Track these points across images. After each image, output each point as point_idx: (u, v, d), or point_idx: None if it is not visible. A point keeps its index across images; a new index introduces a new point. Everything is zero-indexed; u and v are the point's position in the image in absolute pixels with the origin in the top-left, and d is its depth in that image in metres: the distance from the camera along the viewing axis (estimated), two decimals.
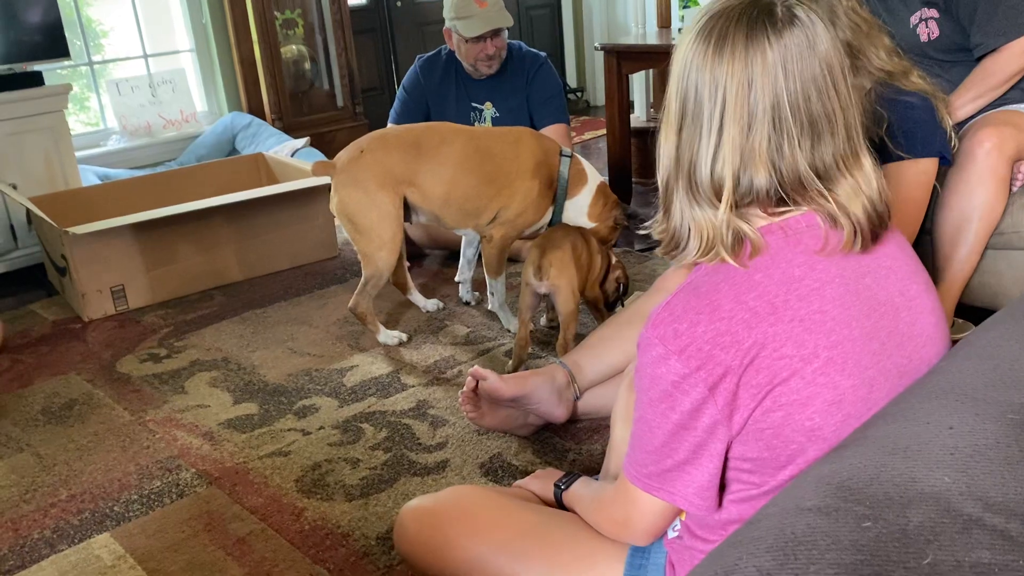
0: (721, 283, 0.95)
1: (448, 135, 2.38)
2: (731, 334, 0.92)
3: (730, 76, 0.93)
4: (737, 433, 0.95)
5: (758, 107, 0.93)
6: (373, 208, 2.31)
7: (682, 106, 0.97)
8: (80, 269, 2.79)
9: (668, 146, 1.00)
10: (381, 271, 2.38)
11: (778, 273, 0.95)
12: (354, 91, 4.55)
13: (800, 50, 0.93)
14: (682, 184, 0.98)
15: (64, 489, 1.89)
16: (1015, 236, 2.10)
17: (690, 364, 0.92)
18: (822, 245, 0.97)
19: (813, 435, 0.93)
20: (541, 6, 5.95)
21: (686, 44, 0.97)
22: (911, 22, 2.22)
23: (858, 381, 0.95)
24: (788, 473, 0.96)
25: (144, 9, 4.28)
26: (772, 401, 0.93)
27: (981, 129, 2.04)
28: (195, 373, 2.40)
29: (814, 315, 0.93)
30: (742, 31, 0.93)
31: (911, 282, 1.03)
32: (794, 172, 0.94)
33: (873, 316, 0.97)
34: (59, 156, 3.27)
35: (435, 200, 2.35)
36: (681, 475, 0.97)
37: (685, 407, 0.94)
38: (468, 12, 2.87)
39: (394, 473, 1.84)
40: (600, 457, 1.82)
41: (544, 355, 2.33)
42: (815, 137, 0.94)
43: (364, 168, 2.31)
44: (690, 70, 0.96)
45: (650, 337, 0.96)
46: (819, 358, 0.93)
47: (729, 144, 0.94)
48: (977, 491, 0.75)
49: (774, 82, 0.92)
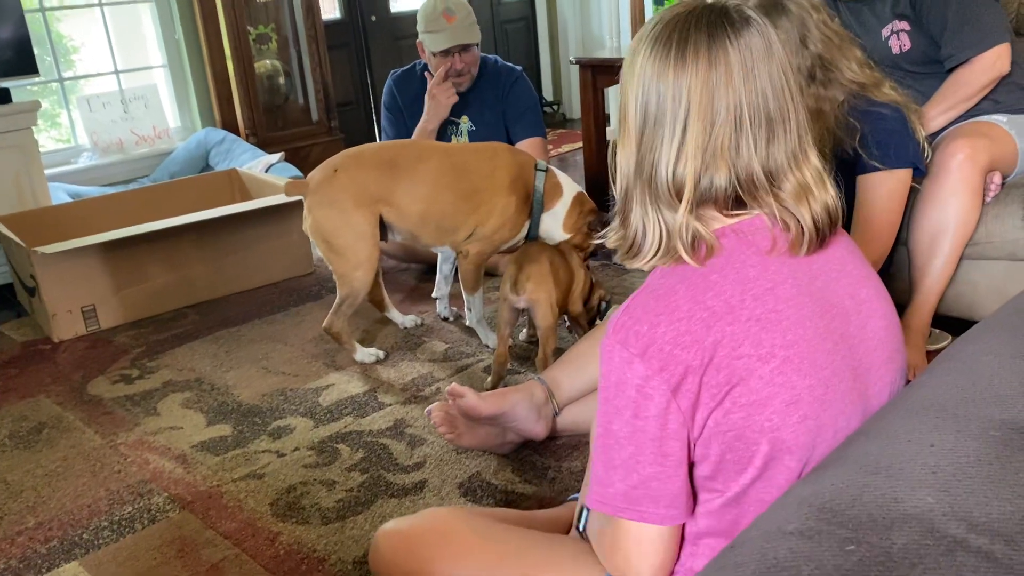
0: (677, 284, 0.96)
1: (424, 153, 2.36)
2: (691, 333, 0.92)
3: (694, 78, 0.94)
4: (698, 436, 0.95)
5: (720, 108, 0.94)
6: (348, 228, 2.28)
7: (643, 113, 0.98)
8: (49, 289, 2.74)
9: (627, 154, 1.01)
10: (357, 291, 2.35)
11: (733, 273, 0.96)
12: (329, 106, 4.52)
13: (758, 50, 0.95)
14: (640, 189, 0.99)
15: (31, 516, 1.84)
16: (989, 246, 2.11)
17: (652, 365, 0.92)
18: (771, 246, 0.98)
19: (772, 436, 0.93)
20: (516, 19, 5.96)
21: (642, 54, 0.98)
22: (883, 35, 2.24)
23: (814, 381, 0.95)
24: (748, 476, 0.96)
25: (115, 25, 4.24)
26: (731, 402, 0.92)
27: (954, 140, 2.05)
28: (168, 394, 2.36)
29: (769, 314, 0.94)
30: (703, 34, 0.95)
31: (861, 286, 1.04)
32: (749, 171, 0.96)
33: (826, 317, 0.98)
34: (28, 174, 3.22)
35: (412, 218, 2.33)
36: (646, 491, 0.95)
37: (650, 412, 0.93)
38: (436, 26, 2.85)
39: (371, 495, 1.81)
40: (581, 474, 1.80)
41: (523, 371, 2.31)
42: (770, 136, 0.96)
43: (339, 188, 2.28)
44: (650, 77, 0.97)
45: (611, 344, 0.96)
46: (776, 358, 0.93)
47: (692, 144, 0.95)
48: (960, 511, 0.74)
49: (736, 82, 0.94)
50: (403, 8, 5.31)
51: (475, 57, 2.95)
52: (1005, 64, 2.10)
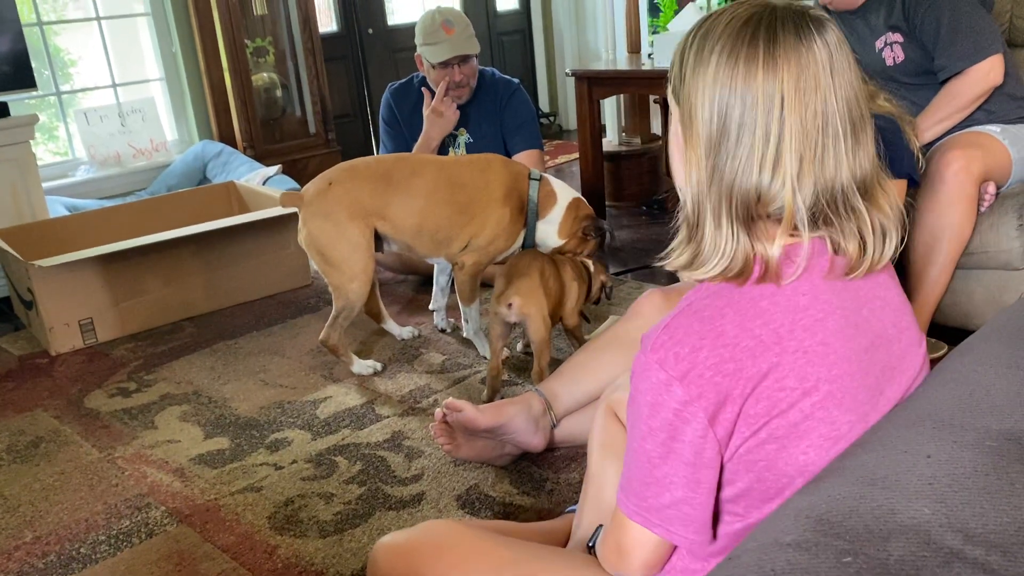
0: (725, 308, 0.91)
1: (418, 166, 2.38)
2: (735, 361, 0.89)
3: (787, 78, 0.87)
4: (728, 461, 0.93)
5: (811, 112, 0.88)
6: (343, 240, 2.29)
7: (723, 119, 0.90)
8: (47, 302, 2.74)
9: (698, 167, 0.93)
10: (353, 303, 2.36)
11: (784, 301, 0.92)
12: (326, 118, 4.53)
13: (841, 51, 0.90)
14: (715, 203, 0.92)
15: (29, 531, 1.83)
16: (984, 256, 2.12)
17: (691, 391, 0.88)
18: (828, 269, 0.94)
19: (804, 470, 0.91)
20: (512, 32, 5.99)
21: (717, 53, 0.90)
22: (877, 46, 2.25)
23: (855, 417, 0.93)
24: (774, 506, 0.93)
25: (113, 38, 4.25)
26: (767, 433, 0.90)
27: (949, 151, 2.07)
28: (165, 407, 2.36)
29: (817, 347, 0.91)
30: (791, 33, 0.88)
31: (902, 314, 1.02)
32: (836, 181, 0.90)
33: (870, 350, 0.95)
34: (26, 187, 3.22)
35: (407, 231, 2.34)
36: (679, 512, 0.94)
37: (687, 438, 0.90)
38: (435, 38, 2.87)
39: (369, 507, 1.81)
40: (578, 486, 1.80)
41: (520, 382, 2.31)
42: (855, 141, 0.90)
43: (334, 200, 2.30)
44: (731, 79, 0.89)
45: (648, 362, 0.91)
46: (819, 392, 0.90)
47: (788, 151, 0.88)
48: (957, 522, 0.74)
49: (824, 84, 0.88)
50: (400, 21, 5.33)
51: (474, 69, 2.97)
52: (998, 75, 2.11)
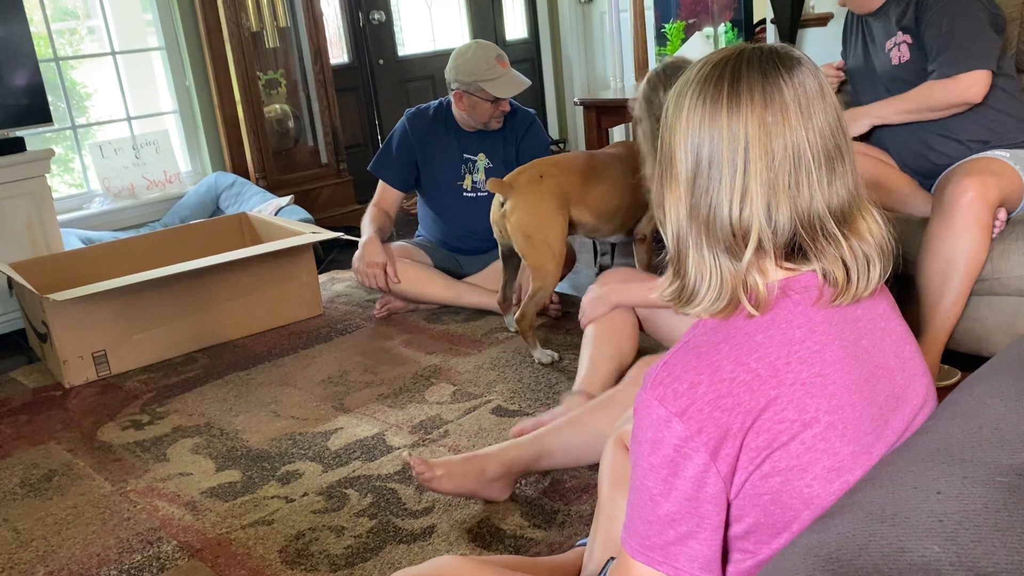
0: (721, 343, 0.93)
1: (602, 160, 2.73)
2: (733, 396, 0.89)
3: (751, 118, 0.91)
4: (734, 498, 0.93)
5: (779, 147, 0.91)
6: (548, 225, 2.57)
7: (696, 157, 0.94)
8: (61, 335, 2.76)
9: (678, 204, 0.97)
10: (549, 284, 2.62)
11: (779, 334, 0.93)
12: (338, 148, 4.57)
13: (812, 89, 0.93)
14: (696, 234, 0.96)
15: (41, 566, 1.84)
16: (996, 282, 2.11)
17: (691, 426, 0.89)
18: (817, 298, 0.95)
19: (810, 503, 0.91)
20: (522, 61, 6.03)
21: (690, 96, 0.95)
22: (887, 46, 2.30)
23: (857, 448, 0.92)
24: (783, 540, 0.93)
25: (127, 72, 4.31)
26: (771, 466, 0.90)
27: (964, 177, 2.06)
28: (177, 439, 2.36)
29: (815, 378, 0.91)
30: (756, 73, 0.92)
31: (904, 344, 1.02)
32: (812, 211, 0.92)
33: (872, 380, 0.96)
34: (41, 221, 3.26)
35: (605, 215, 2.69)
36: (684, 548, 0.93)
37: (688, 473, 0.90)
38: (495, 73, 2.98)
39: (380, 541, 1.80)
40: (590, 517, 1.79)
41: (532, 412, 2.31)
42: (831, 173, 0.93)
43: (546, 190, 2.58)
44: (702, 120, 0.93)
45: (648, 399, 0.92)
46: (820, 423, 0.91)
47: (755, 181, 0.91)
48: (967, 561, 0.73)
49: (793, 121, 0.91)
50: (410, 52, 5.38)
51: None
52: (979, 91, 2.12)
